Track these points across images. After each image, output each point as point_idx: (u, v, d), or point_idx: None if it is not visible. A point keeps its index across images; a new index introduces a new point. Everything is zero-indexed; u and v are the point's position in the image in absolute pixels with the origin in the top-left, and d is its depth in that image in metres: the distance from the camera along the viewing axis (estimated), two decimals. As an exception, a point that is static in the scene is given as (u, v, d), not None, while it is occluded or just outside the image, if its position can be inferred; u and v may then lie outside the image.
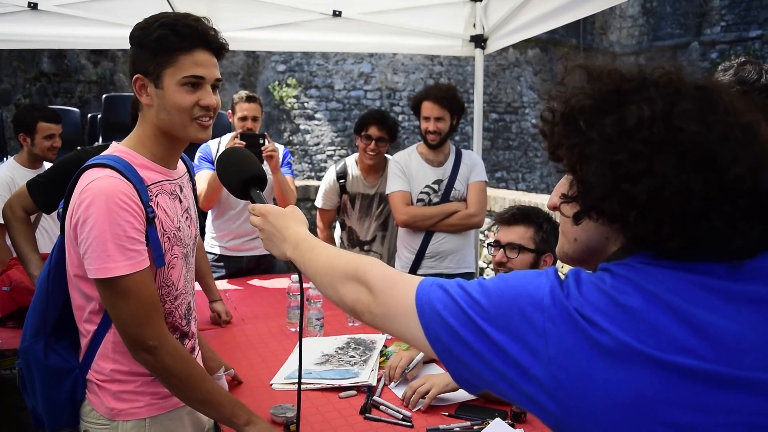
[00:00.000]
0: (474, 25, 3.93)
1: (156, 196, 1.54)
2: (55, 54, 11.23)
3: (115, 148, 1.55)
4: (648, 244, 0.84)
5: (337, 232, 3.71)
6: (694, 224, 0.79)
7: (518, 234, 2.26)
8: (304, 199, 7.44)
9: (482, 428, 1.81)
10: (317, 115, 13.24)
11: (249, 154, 1.52)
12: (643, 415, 0.74)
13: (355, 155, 3.60)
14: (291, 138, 13.36)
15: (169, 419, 1.61)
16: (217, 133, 3.74)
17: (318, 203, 3.62)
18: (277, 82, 13.52)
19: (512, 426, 1.84)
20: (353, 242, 3.57)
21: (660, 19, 16.87)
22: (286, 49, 8.76)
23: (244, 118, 3.49)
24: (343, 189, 3.53)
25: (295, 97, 13.42)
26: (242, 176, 1.46)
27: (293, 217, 1.34)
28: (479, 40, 3.92)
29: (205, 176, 3.48)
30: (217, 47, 1.55)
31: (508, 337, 0.81)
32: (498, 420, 1.83)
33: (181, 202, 1.65)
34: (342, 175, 3.55)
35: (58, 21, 3.67)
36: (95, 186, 1.43)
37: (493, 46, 3.94)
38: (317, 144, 13.14)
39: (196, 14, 3.85)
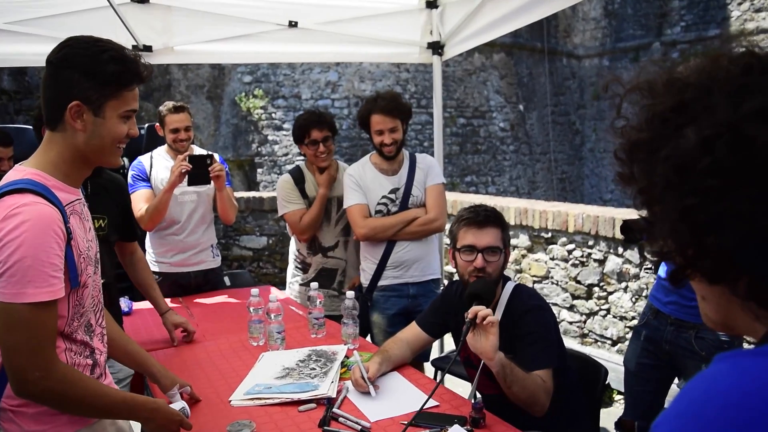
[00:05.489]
0: (431, 32, 3.95)
1: (70, 217, 1.53)
2: (15, 71, 11.01)
3: (26, 172, 1.51)
4: None
5: (293, 246, 3.64)
6: None
7: (493, 236, 2.23)
8: (273, 210, 7.37)
9: (441, 436, 1.80)
10: (285, 126, 13.16)
11: None
12: None
13: (305, 160, 3.53)
14: (259, 149, 13.29)
15: (93, 431, 1.60)
16: (151, 147, 3.68)
17: (286, 209, 3.43)
18: (243, 94, 13.44)
19: (471, 432, 1.84)
20: (315, 250, 3.49)
21: (622, 21, 17.17)
22: (244, 61, 8.74)
23: (176, 131, 3.41)
24: (303, 194, 3.45)
25: (262, 107, 13.36)
26: None
27: None
28: (436, 47, 3.94)
29: (144, 196, 3.40)
30: (144, 81, 1.62)
31: None
32: (456, 427, 1.83)
33: (87, 221, 1.65)
34: (300, 179, 3.47)
35: (10, 39, 3.62)
36: (24, 211, 1.40)
37: (450, 53, 3.96)
38: (286, 154, 13.09)
39: (152, 29, 3.85)
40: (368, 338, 3.24)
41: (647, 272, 4.15)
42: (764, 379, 0.55)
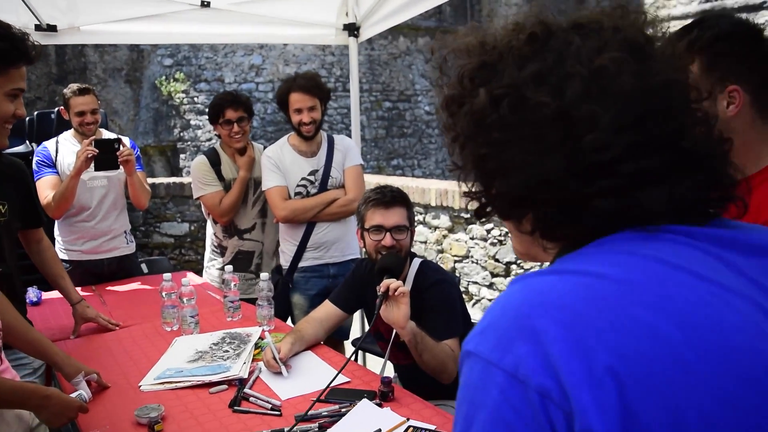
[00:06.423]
0: (347, 14, 3.94)
1: None
2: None
3: None
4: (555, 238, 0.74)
5: (209, 229, 3.59)
6: (578, 209, 0.68)
7: (400, 215, 2.30)
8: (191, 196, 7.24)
9: (350, 410, 1.84)
10: (208, 110, 12.91)
11: None
12: None
13: (219, 142, 3.51)
14: (182, 134, 12.97)
15: None
16: (62, 132, 3.55)
17: (203, 192, 3.39)
18: (164, 77, 13.06)
19: (379, 405, 1.88)
20: (231, 232, 3.46)
21: (542, 6, 17.56)
22: (155, 42, 8.48)
23: (81, 113, 3.29)
24: (219, 176, 3.41)
25: (183, 92, 13.02)
26: None
27: None
28: (352, 29, 3.93)
29: (50, 183, 3.28)
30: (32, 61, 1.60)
31: None
32: (365, 401, 1.87)
33: None
34: (215, 161, 3.43)
35: None
36: None
37: (366, 34, 3.96)
38: (209, 139, 12.80)
39: (56, 8, 3.67)
40: (289, 320, 3.24)
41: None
42: (543, 290, 0.65)
